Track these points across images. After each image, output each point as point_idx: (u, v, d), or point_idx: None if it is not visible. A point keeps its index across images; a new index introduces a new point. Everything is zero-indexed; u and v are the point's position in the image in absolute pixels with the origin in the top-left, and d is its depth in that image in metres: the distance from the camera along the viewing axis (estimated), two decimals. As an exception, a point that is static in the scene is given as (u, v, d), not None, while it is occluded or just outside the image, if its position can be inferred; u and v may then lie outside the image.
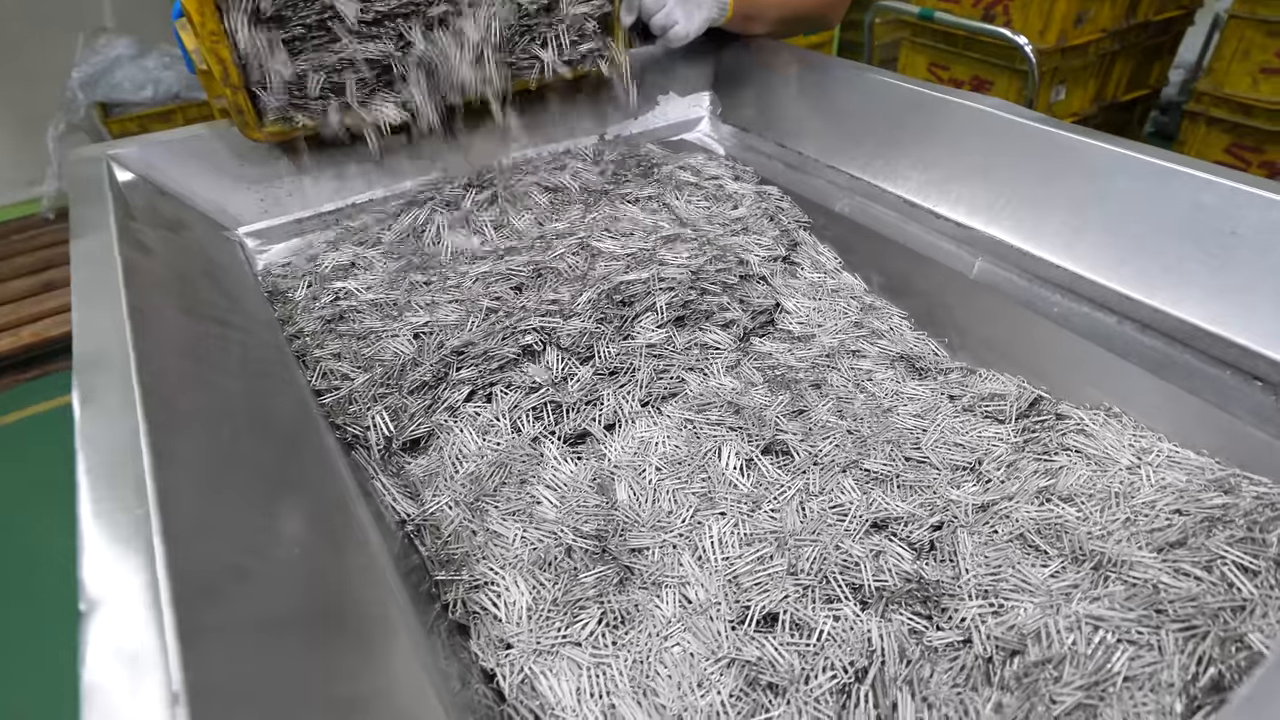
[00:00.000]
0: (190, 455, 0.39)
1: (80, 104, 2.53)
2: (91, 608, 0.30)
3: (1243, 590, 0.49)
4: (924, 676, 0.48)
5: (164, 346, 0.47)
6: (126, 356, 0.44)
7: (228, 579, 0.33)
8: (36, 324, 2.19)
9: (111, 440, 0.38)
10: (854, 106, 0.92)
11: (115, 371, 0.42)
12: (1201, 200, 0.64)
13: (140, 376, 0.42)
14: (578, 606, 0.53)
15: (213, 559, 0.34)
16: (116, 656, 0.29)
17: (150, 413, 0.40)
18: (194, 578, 0.32)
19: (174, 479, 0.37)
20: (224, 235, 0.75)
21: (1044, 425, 0.67)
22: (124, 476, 0.36)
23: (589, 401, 0.68)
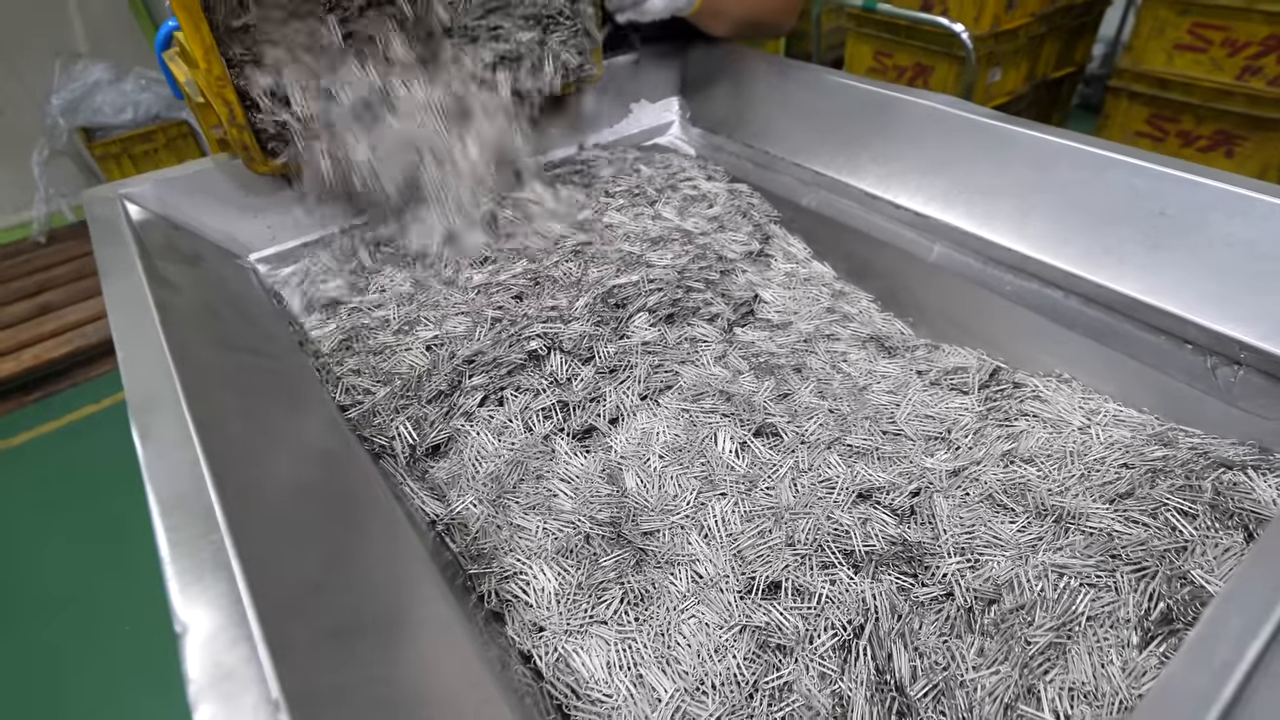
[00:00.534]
0: (248, 481, 0.41)
1: (62, 129, 2.45)
2: (185, 630, 0.32)
3: (1184, 533, 0.53)
4: (914, 629, 0.51)
5: (206, 380, 0.48)
6: (175, 394, 0.44)
7: (304, 593, 0.35)
8: (37, 347, 2.14)
9: (175, 473, 0.39)
10: (816, 107, 0.94)
11: (168, 409, 0.43)
12: (1134, 184, 0.67)
13: (192, 411, 0.43)
14: (600, 588, 0.56)
15: (288, 576, 0.35)
16: (216, 673, 0.30)
17: (206, 444, 0.41)
18: (275, 595, 0.33)
19: (238, 505, 0.38)
20: (237, 263, 0.75)
21: (1003, 394, 0.70)
22: (193, 507, 0.37)
23: (593, 399, 0.70)
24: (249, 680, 0.30)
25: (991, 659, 0.48)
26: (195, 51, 0.60)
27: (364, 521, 0.48)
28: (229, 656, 0.31)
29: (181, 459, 0.40)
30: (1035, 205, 0.74)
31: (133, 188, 0.71)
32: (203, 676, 0.30)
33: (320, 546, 0.40)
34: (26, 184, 2.53)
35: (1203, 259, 0.64)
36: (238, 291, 0.69)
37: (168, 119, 2.63)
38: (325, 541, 0.41)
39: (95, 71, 2.49)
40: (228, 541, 0.35)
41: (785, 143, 0.96)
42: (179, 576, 0.34)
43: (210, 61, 0.60)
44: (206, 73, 0.61)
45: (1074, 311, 0.71)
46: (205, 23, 0.59)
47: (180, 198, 0.74)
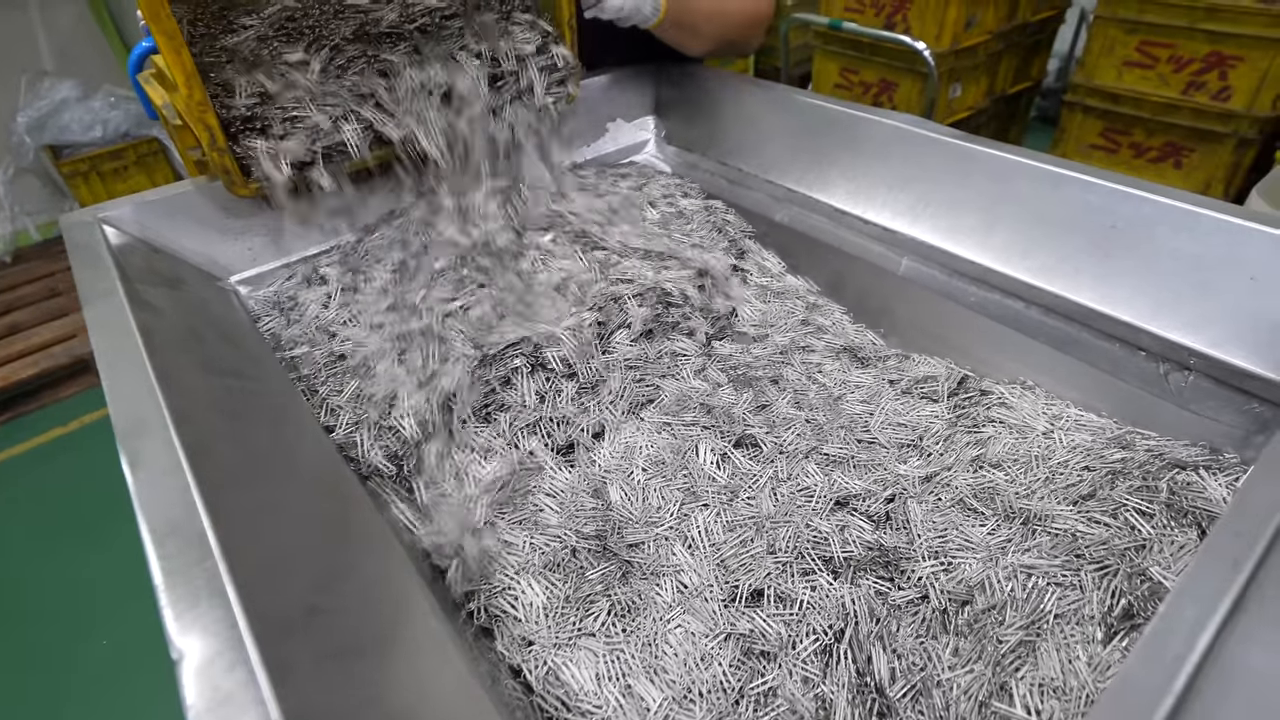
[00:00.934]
0: (240, 506, 0.41)
1: (29, 148, 2.40)
2: (181, 656, 0.32)
3: (1142, 531, 0.55)
4: (892, 631, 0.53)
5: (193, 405, 0.48)
6: (164, 419, 0.44)
7: (300, 616, 0.35)
8: (4, 368, 2.08)
9: (167, 500, 0.39)
10: (786, 125, 0.96)
11: (156, 435, 0.43)
12: (1088, 200, 0.70)
13: (181, 437, 0.43)
14: (588, 601, 0.56)
15: (283, 599, 0.35)
16: (214, 697, 0.30)
17: (197, 470, 0.41)
18: (270, 618, 0.34)
19: (231, 530, 0.38)
20: (218, 285, 0.74)
21: (971, 401, 0.72)
22: (185, 533, 0.37)
23: (577, 413, 0.71)
24: (248, 703, 0.30)
25: (966, 658, 0.49)
26: (176, 77, 0.60)
27: (355, 542, 0.48)
28: (227, 681, 0.31)
29: (172, 485, 0.40)
30: (997, 219, 0.77)
31: (111, 211, 0.71)
32: (201, 702, 0.30)
33: (314, 569, 0.40)
34: (-9, 204, 2.47)
35: (1152, 270, 0.67)
36: (220, 314, 0.68)
37: (137, 136, 2.58)
38: (318, 563, 0.41)
39: (62, 89, 2.44)
40: (221, 567, 0.35)
41: (757, 160, 0.99)
42: (174, 604, 0.34)
43: (191, 87, 0.60)
44: (187, 98, 0.61)
45: (1035, 321, 0.74)
46: (186, 49, 0.60)
47: (159, 221, 0.73)
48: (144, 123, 2.58)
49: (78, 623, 1.54)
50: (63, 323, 2.21)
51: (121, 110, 2.52)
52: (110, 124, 2.50)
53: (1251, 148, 2.01)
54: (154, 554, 0.36)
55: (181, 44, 0.60)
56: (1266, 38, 1.87)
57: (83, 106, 2.46)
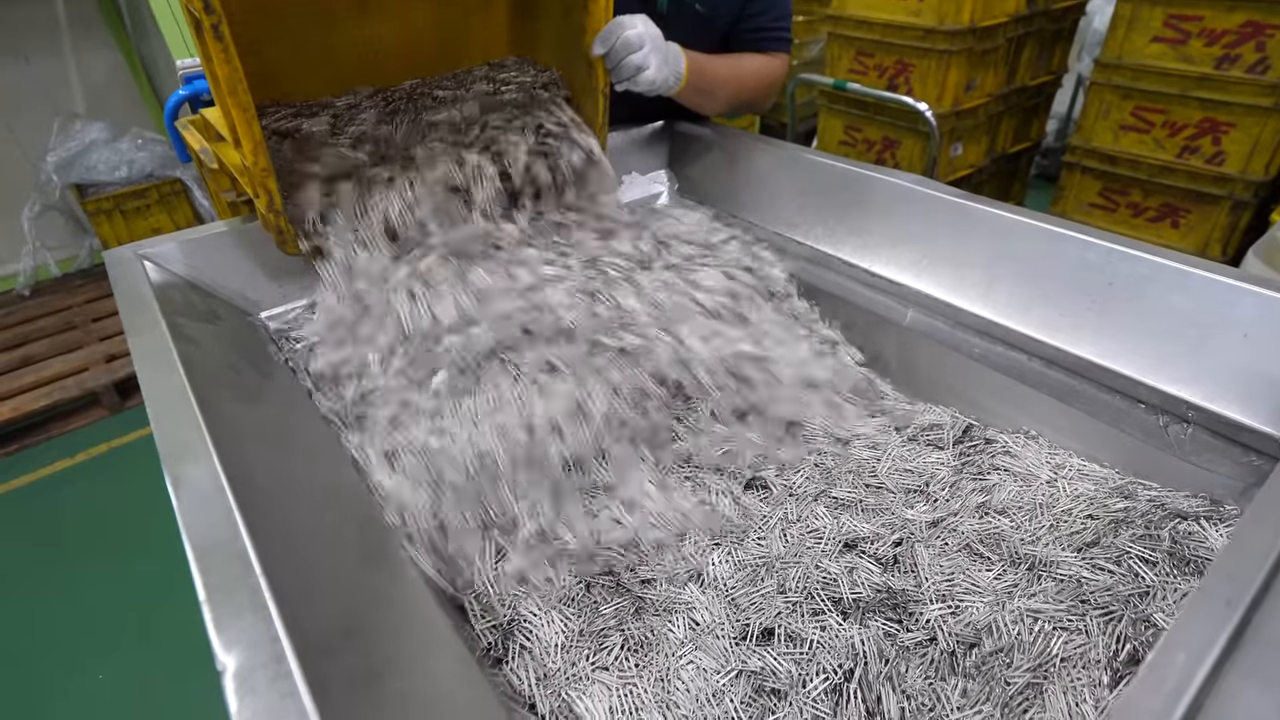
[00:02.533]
0: (279, 529, 0.43)
1: (55, 186, 2.48)
2: (225, 669, 0.34)
3: (1146, 579, 0.57)
4: (901, 672, 0.54)
5: (232, 433, 0.50)
6: (206, 446, 0.47)
7: (338, 636, 0.37)
8: (15, 399, 2.11)
9: (210, 520, 0.41)
10: (796, 183, 1.01)
11: (200, 461, 0.45)
12: (1085, 258, 0.74)
13: (221, 462, 0.46)
14: (601, 635, 0.58)
15: (322, 619, 0.37)
16: (257, 708, 0.32)
17: (238, 494, 0.43)
18: (310, 636, 0.36)
19: (271, 550, 0.40)
20: (248, 320, 0.77)
21: (976, 449, 0.75)
22: (228, 552, 0.39)
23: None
24: (289, 714, 0.32)
25: (974, 699, 0.50)
26: (245, 145, 0.65)
27: (385, 570, 0.50)
28: (269, 692, 0.33)
29: (215, 506, 0.42)
30: (999, 274, 0.80)
31: (151, 248, 0.75)
32: (245, 711, 0.32)
33: (348, 592, 0.42)
34: (15, 238, 2.54)
35: (1149, 325, 0.70)
36: (253, 348, 0.71)
37: (161, 177, 2.67)
38: (352, 588, 0.43)
39: (92, 131, 2.54)
40: (263, 584, 0.37)
41: (768, 214, 1.03)
42: (218, 618, 0.36)
43: (258, 155, 0.65)
44: (253, 165, 0.65)
45: (1037, 373, 0.77)
46: (257, 121, 0.64)
47: (196, 258, 0.77)
48: (167, 164, 2.67)
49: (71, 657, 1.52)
50: (76, 355, 2.25)
51: (147, 151, 2.61)
52: (135, 164, 2.59)
53: (1247, 209, 2.07)
54: (198, 569, 0.38)
55: (254, 116, 0.64)
56: (1257, 106, 1.94)
57: (110, 148, 2.55)
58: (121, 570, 1.70)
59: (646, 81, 0.90)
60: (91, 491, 1.98)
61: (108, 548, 1.77)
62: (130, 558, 1.72)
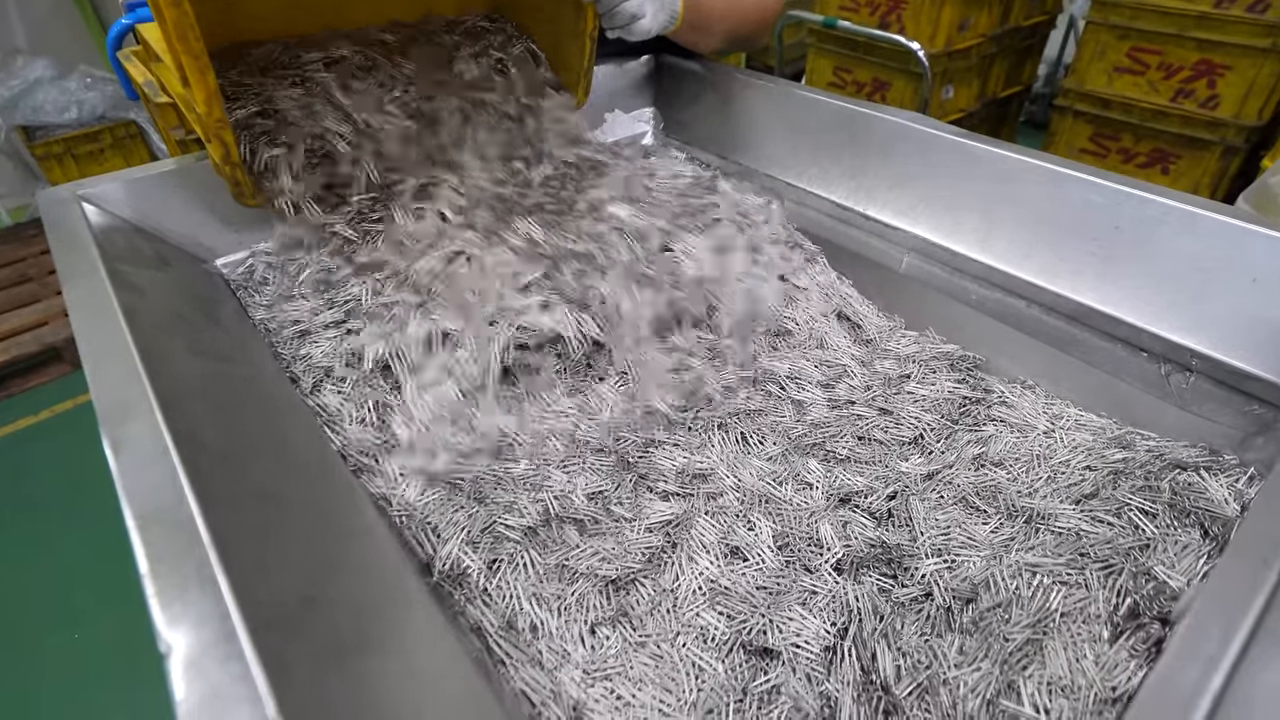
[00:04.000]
0: (231, 494, 0.39)
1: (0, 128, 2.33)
2: (170, 649, 0.30)
3: (1146, 531, 0.56)
4: (896, 629, 0.52)
5: (180, 389, 0.46)
6: (149, 403, 0.42)
7: (296, 608, 0.34)
8: (-29, 353, 2.03)
9: (153, 486, 0.38)
10: (787, 121, 0.95)
11: (142, 419, 0.41)
12: (1091, 200, 0.70)
13: (167, 421, 0.41)
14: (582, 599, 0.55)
15: (279, 590, 0.34)
16: (206, 693, 0.29)
17: (185, 456, 0.40)
18: (266, 609, 0.32)
19: (221, 517, 0.37)
20: (204, 268, 0.72)
21: (972, 400, 0.72)
22: (173, 520, 0.36)
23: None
24: (242, 699, 0.29)
25: (972, 656, 0.49)
26: (197, 95, 0.58)
27: (351, 534, 0.46)
28: (220, 675, 0.29)
29: (158, 471, 0.38)
30: (999, 218, 0.77)
31: (91, 188, 0.68)
32: (193, 697, 0.29)
33: (308, 558, 0.39)
34: (-40, 184, 2.41)
35: (1154, 271, 0.67)
36: (206, 297, 0.66)
37: (114, 119, 2.52)
38: (313, 553, 0.40)
39: (36, 68, 2.38)
40: (212, 555, 0.34)
41: (758, 154, 0.98)
42: (161, 594, 0.32)
43: (212, 106, 0.59)
44: (206, 116, 0.60)
45: (1036, 320, 0.74)
46: (211, 72, 0.58)
47: (142, 200, 0.71)
48: (121, 104, 2.52)
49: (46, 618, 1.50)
50: (33, 309, 2.15)
51: (97, 91, 2.46)
52: (86, 105, 2.44)
53: (1238, 155, 2.05)
54: (139, 541, 0.35)
55: (207, 65, 0.58)
56: (1255, 47, 1.90)
57: (57, 87, 2.40)
58: (92, 528, 1.66)
59: (642, 31, 0.84)
60: (58, 449, 1.92)
61: (78, 506, 1.73)
62: (101, 515, 1.68)
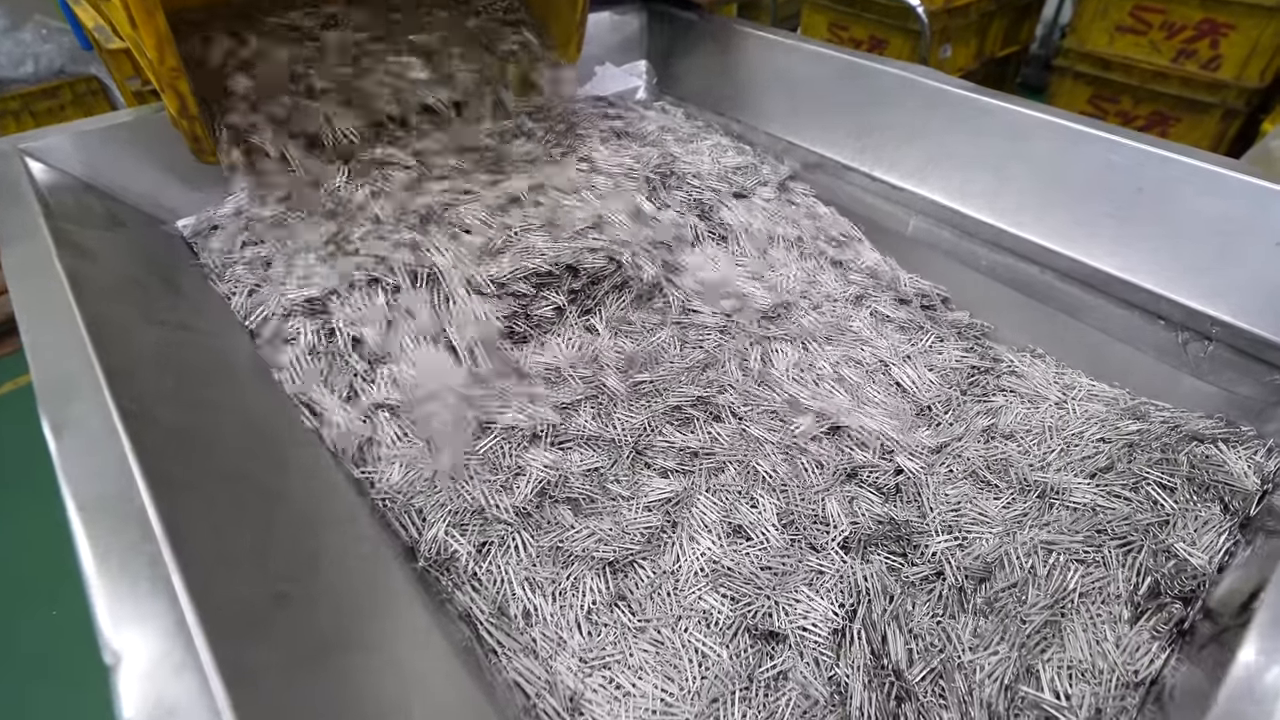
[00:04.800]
0: (190, 478, 0.35)
1: (-50, 83, 2.20)
2: (119, 660, 0.27)
3: (1165, 506, 0.53)
4: (908, 610, 0.50)
5: (132, 361, 0.42)
6: (95, 377, 0.38)
7: (266, 606, 0.30)
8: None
9: (99, 471, 0.34)
10: (789, 76, 0.90)
11: (86, 396, 0.37)
12: (1111, 160, 0.66)
13: (115, 397, 0.37)
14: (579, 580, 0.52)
15: (242, 589, 0.30)
16: (158, 710, 0.26)
17: (135, 436, 0.36)
18: (229, 610, 0.29)
19: (179, 506, 0.33)
20: (163, 230, 0.67)
21: (980, 369, 0.70)
22: (123, 510, 0.32)
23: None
24: (199, 714, 0.25)
25: (988, 639, 0.47)
26: (147, 42, 0.53)
27: (329, 520, 0.43)
28: (173, 688, 0.26)
29: (106, 454, 0.34)
30: (1011, 178, 0.73)
31: (35, 142, 0.63)
32: (142, 715, 0.25)
33: (281, 551, 0.35)
34: (-90, 142, 2.28)
35: (1177, 235, 0.64)
36: (165, 260, 0.61)
37: (74, 74, 2.39)
38: (286, 545, 0.36)
39: (-13, 18, 2.24)
40: (166, 551, 0.30)
41: (758, 112, 0.93)
42: (108, 596, 0.29)
43: (164, 53, 0.53)
44: (158, 63, 0.54)
45: (1048, 286, 0.71)
46: (161, 12, 0.52)
47: (93, 154, 0.65)
48: (80, 58, 2.38)
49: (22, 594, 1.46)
50: (-5, 275, 2.06)
51: (54, 44, 2.32)
52: (42, 59, 2.31)
53: (1238, 118, 2.01)
54: (83, 535, 0.31)
55: (156, 5, 0.52)
56: (1260, 5, 1.85)
57: (10, 38, 2.26)
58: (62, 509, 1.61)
59: None
60: (23, 423, 1.86)
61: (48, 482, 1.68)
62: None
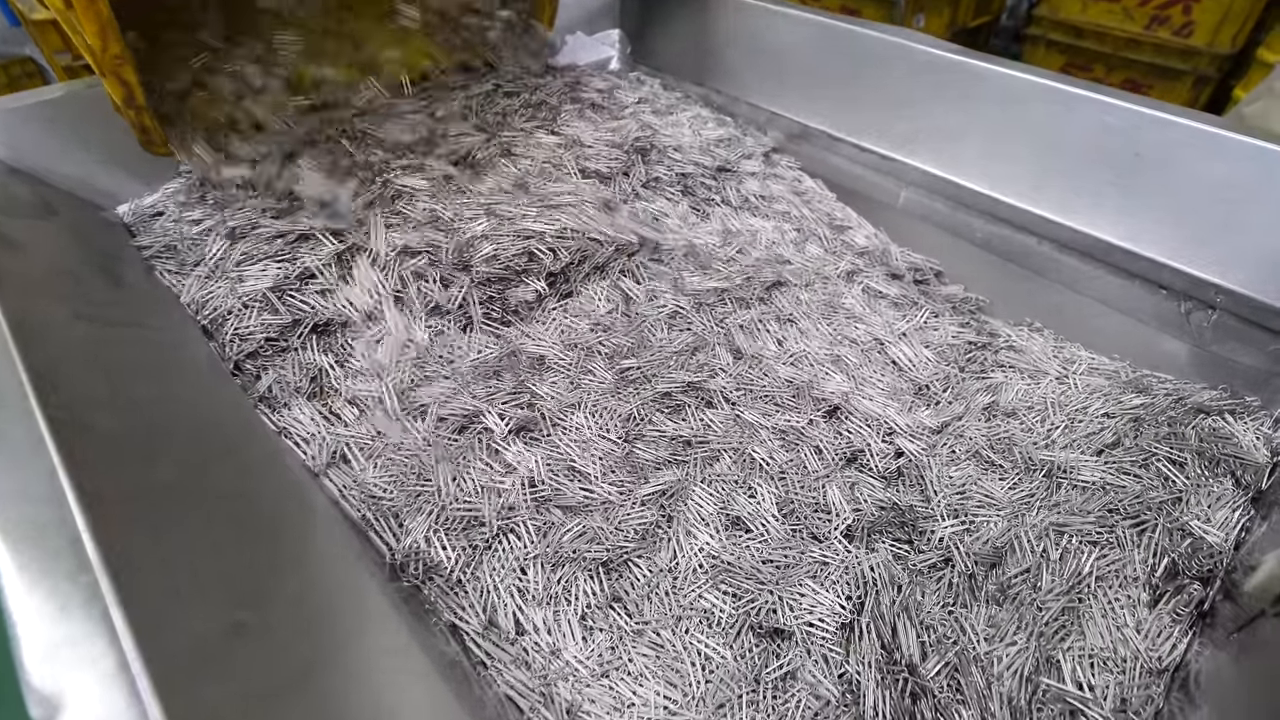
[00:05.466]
0: (132, 494, 0.31)
1: None
2: (52, 711, 0.23)
3: (1176, 482, 0.52)
4: (918, 600, 0.48)
5: (63, 361, 0.37)
6: (19, 381, 0.34)
7: (219, 640, 0.27)
8: None
9: (24, 490, 0.30)
10: (771, 43, 0.87)
11: (9, 403, 0.33)
12: (1108, 123, 0.64)
13: (43, 405, 0.33)
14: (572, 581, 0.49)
15: (194, 622, 0.27)
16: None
17: (67, 448, 0.31)
18: (176, 649, 0.25)
19: (120, 528, 0.29)
20: (102, 217, 0.61)
21: (978, 345, 0.68)
22: (53, 535, 0.28)
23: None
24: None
25: (1004, 629, 0.45)
26: (88, 28, 0.47)
27: (294, 532, 0.39)
28: (116, 745, 0.22)
29: (32, 470, 0.30)
30: (1006, 146, 0.71)
31: (-50, 121, 0.57)
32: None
33: (239, 573, 0.31)
34: None
35: (1178, 201, 0.62)
36: (105, 250, 0.56)
37: (6, 55, 2.26)
38: (245, 565, 0.32)
39: (-93, -6, 2.09)
40: (105, 581, 0.26)
41: (739, 82, 0.89)
42: (38, 636, 0.25)
43: (107, 40, 0.48)
44: (102, 51, 0.49)
45: (1046, 257, 0.69)
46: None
47: (19, 134, 0.59)
48: (13, 38, 2.25)
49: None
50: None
51: (-17, 22, 2.18)
52: (-29, 38, 2.17)
53: (1209, 85, 2.02)
54: (8, 566, 0.27)
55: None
56: (1232, -29, 1.85)
57: (-65, 16, 2.12)
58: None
59: None
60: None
61: None
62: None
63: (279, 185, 0.64)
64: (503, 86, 0.82)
